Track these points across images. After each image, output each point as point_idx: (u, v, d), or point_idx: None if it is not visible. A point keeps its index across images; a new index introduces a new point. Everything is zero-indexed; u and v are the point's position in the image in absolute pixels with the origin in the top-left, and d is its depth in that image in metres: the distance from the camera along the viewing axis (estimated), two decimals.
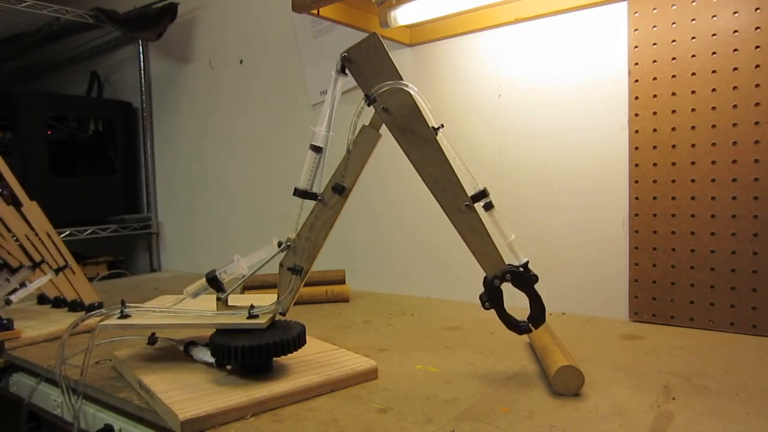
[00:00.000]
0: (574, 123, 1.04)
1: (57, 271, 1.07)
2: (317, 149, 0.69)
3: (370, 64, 0.67)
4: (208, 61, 1.75)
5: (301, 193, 0.69)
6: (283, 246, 0.70)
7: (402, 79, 0.66)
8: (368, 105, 0.67)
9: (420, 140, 0.67)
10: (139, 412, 0.66)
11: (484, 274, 0.68)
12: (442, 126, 0.66)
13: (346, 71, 0.68)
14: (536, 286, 0.67)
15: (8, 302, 0.94)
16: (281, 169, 1.57)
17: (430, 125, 0.66)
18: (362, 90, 0.67)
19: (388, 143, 0.69)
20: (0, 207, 1.13)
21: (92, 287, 1.13)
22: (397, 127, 0.67)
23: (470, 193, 0.66)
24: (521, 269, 0.67)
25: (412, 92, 0.65)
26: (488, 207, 0.66)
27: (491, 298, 0.68)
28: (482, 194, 0.66)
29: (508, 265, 0.67)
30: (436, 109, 0.66)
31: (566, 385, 0.64)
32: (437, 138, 0.66)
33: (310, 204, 0.70)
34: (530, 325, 0.69)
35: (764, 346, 0.81)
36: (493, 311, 0.68)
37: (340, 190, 0.69)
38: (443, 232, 1.22)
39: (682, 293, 0.93)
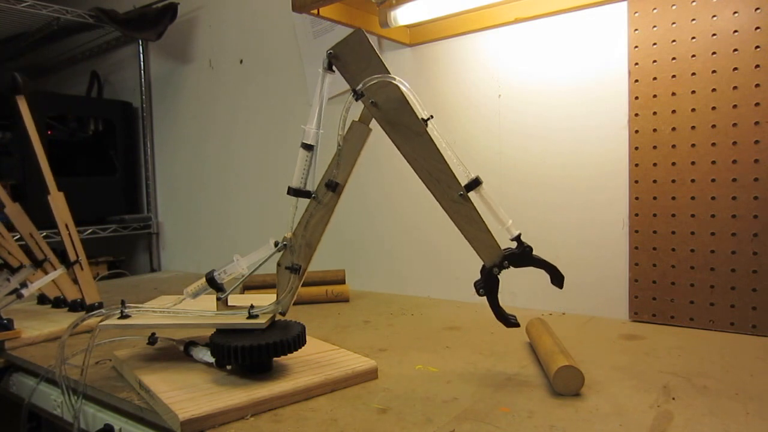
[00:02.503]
0: (574, 123, 1.04)
1: (69, 265, 1.07)
2: (308, 147, 0.69)
3: (356, 60, 0.67)
4: (208, 61, 1.75)
5: (295, 192, 0.69)
6: (279, 246, 0.70)
7: (389, 73, 0.65)
8: (356, 100, 0.67)
9: (410, 133, 0.67)
10: (139, 412, 0.66)
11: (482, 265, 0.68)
12: (432, 117, 0.66)
13: (333, 68, 0.68)
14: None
15: (20, 296, 0.95)
16: (281, 168, 1.57)
17: (420, 117, 0.66)
18: (350, 86, 0.67)
19: (387, 143, 0.69)
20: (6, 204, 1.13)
21: (96, 286, 1.13)
22: (387, 120, 0.67)
23: (463, 182, 0.66)
24: (516, 249, 0.67)
25: (399, 85, 0.65)
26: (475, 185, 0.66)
27: (487, 285, 0.68)
28: (475, 182, 0.66)
29: (504, 249, 0.67)
30: (436, 109, 0.67)
31: (566, 385, 0.64)
32: (427, 129, 0.66)
33: (305, 202, 0.70)
34: (517, 320, 0.69)
35: (764, 346, 0.81)
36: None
37: (333, 186, 0.69)
38: (443, 232, 1.22)
39: (682, 293, 0.93)
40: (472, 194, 0.66)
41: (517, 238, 0.67)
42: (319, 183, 0.70)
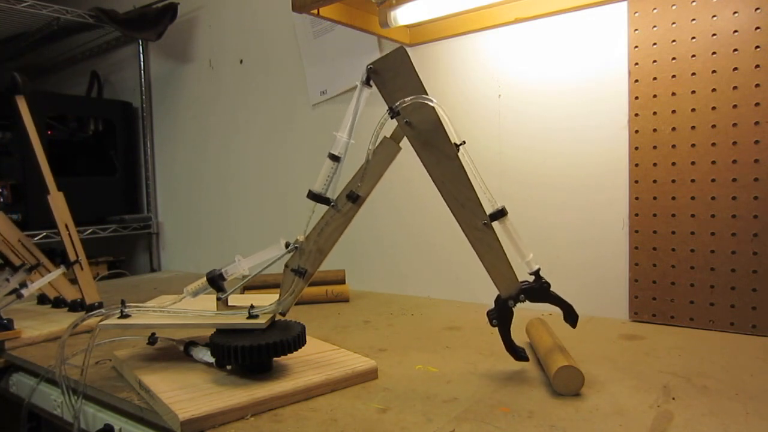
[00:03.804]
0: (574, 123, 1.04)
1: (69, 265, 1.07)
2: (335, 158, 0.68)
3: (395, 78, 0.67)
4: (208, 61, 1.75)
5: (315, 197, 0.69)
6: (290, 247, 0.70)
7: (427, 93, 0.65)
8: (391, 118, 0.66)
9: (442, 156, 0.67)
10: (139, 412, 0.66)
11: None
12: (464, 142, 0.66)
13: (371, 83, 0.68)
14: None
15: (20, 296, 0.95)
16: (281, 168, 1.57)
17: (453, 141, 0.66)
18: (386, 102, 0.67)
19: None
20: None
21: (96, 286, 1.13)
22: (420, 141, 0.67)
23: (489, 211, 0.66)
24: (533, 284, 0.67)
25: (436, 107, 0.65)
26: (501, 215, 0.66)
27: (501, 316, 0.68)
28: (500, 213, 0.66)
29: (521, 282, 0.67)
30: None
31: (566, 385, 0.64)
32: (458, 155, 0.66)
33: (321, 209, 0.70)
34: (526, 354, 0.71)
35: (764, 346, 0.81)
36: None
37: (354, 198, 0.69)
38: (443, 232, 1.22)
39: (682, 293, 0.93)
40: (495, 224, 0.66)
41: (536, 273, 0.67)
42: (340, 192, 0.69)
